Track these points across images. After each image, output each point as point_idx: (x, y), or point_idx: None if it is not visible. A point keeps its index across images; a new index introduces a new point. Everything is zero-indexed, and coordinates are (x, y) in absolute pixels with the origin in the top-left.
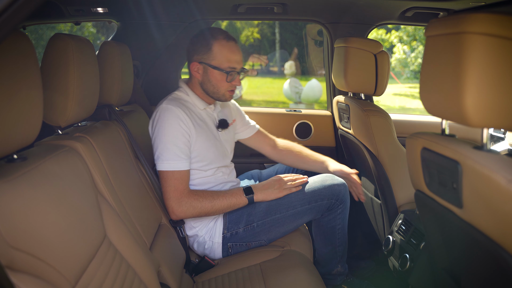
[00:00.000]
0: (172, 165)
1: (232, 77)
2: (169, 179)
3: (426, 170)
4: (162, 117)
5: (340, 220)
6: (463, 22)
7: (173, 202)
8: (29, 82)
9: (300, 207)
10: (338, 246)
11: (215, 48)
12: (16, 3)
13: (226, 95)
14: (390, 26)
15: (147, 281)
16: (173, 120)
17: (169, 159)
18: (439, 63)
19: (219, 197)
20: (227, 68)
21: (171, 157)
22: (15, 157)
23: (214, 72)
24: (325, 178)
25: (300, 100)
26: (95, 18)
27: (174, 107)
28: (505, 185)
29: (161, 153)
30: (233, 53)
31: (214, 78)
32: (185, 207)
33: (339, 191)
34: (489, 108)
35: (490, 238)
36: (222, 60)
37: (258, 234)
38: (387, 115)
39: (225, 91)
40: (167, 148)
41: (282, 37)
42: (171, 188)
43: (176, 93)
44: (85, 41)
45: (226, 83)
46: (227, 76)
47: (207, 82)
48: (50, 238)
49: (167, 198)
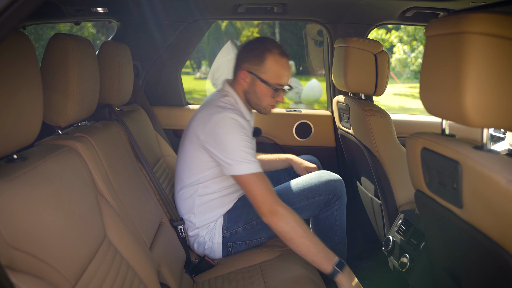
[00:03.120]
0: (254, 167)
1: (277, 94)
2: (256, 182)
3: (426, 170)
4: (226, 126)
5: (338, 217)
6: (463, 22)
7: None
8: (29, 82)
9: (298, 203)
10: (338, 244)
11: (268, 62)
12: (16, 3)
13: (267, 108)
14: (390, 26)
15: (147, 281)
16: (239, 128)
17: (249, 161)
18: (439, 63)
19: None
20: (275, 85)
21: (250, 158)
22: (15, 157)
23: (262, 85)
24: (322, 174)
25: (300, 100)
26: (95, 18)
27: (235, 115)
28: (505, 185)
29: (239, 156)
30: (284, 70)
31: (260, 91)
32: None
33: (336, 187)
34: (489, 108)
35: (490, 238)
36: (272, 75)
37: (258, 232)
38: (387, 115)
39: (267, 105)
40: (243, 151)
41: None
42: (262, 191)
43: (226, 99)
44: (85, 41)
45: (270, 98)
46: (274, 92)
47: (252, 92)
48: (50, 238)
49: (260, 201)
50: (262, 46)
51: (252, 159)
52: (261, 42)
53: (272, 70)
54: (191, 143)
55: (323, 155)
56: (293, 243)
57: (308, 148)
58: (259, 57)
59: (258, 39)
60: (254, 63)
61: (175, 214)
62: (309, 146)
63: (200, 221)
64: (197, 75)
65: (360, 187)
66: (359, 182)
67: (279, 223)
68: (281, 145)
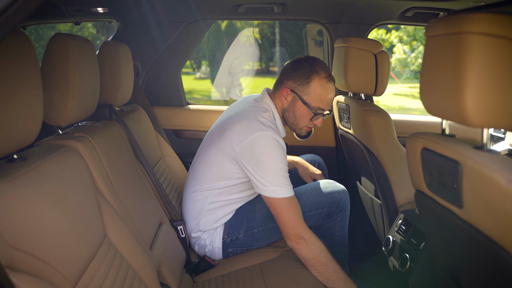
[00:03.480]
0: (286, 192)
1: (317, 118)
2: (288, 207)
3: (426, 170)
4: (268, 146)
5: (340, 227)
6: (463, 22)
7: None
8: (29, 82)
9: None
10: (338, 252)
11: (313, 84)
12: (16, 3)
13: (303, 130)
14: (390, 26)
15: (147, 281)
16: (279, 150)
17: (286, 185)
18: (439, 63)
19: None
20: (316, 108)
21: (287, 183)
22: (15, 157)
23: (303, 106)
24: (326, 185)
25: None
26: (95, 18)
27: (277, 136)
28: (505, 185)
29: (278, 180)
30: (328, 95)
31: (300, 112)
32: (308, 239)
33: (340, 199)
34: (489, 108)
35: (490, 238)
36: (315, 98)
37: (258, 240)
38: (387, 115)
39: (304, 126)
40: (282, 175)
41: (282, 37)
42: (292, 217)
43: (268, 116)
44: (85, 41)
45: (308, 120)
46: (313, 116)
47: (291, 111)
48: (50, 238)
49: (289, 226)
50: (310, 67)
51: (287, 183)
52: (310, 63)
53: (316, 93)
54: (220, 151)
55: (323, 155)
56: (315, 269)
57: (308, 148)
58: (305, 78)
59: (308, 59)
60: (299, 82)
61: (175, 214)
62: (309, 146)
63: (204, 225)
64: (197, 75)
65: (360, 187)
66: (359, 182)
67: (304, 250)
68: None
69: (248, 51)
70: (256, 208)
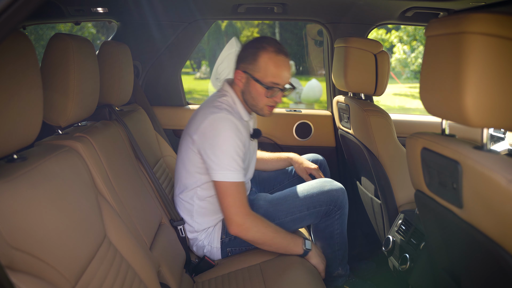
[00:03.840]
0: (235, 176)
1: (272, 93)
2: (232, 192)
3: (426, 170)
4: (221, 126)
5: (338, 226)
6: (463, 22)
7: (239, 217)
8: (29, 82)
9: (298, 214)
10: (338, 250)
11: (261, 60)
12: (16, 3)
13: (264, 110)
14: (390, 26)
15: (147, 281)
16: (233, 131)
17: (232, 169)
18: (439, 63)
19: (281, 234)
20: (269, 83)
21: (234, 167)
22: (15, 157)
23: (256, 85)
24: (324, 183)
25: (300, 100)
26: (95, 18)
27: (232, 116)
28: (505, 185)
29: (223, 162)
30: (278, 68)
31: (255, 91)
32: (249, 224)
33: (337, 197)
34: (489, 108)
35: (490, 238)
36: (266, 74)
37: None
38: (387, 115)
39: (264, 106)
40: (230, 158)
41: (282, 37)
42: (235, 202)
43: (224, 99)
44: (85, 41)
45: (265, 98)
46: (267, 91)
47: (248, 93)
48: (50, 238)
49: (231, 212)
50: (257, 45)
51: (237, 168)
52: (258, 41)
53: (266, 68)
54: (186, 145)
55: (323, 155)
56: (266, 245)
57: (308, 148)
58: (252, 55)
59: (256, 38)
60: (249, 62)
61: (175, 214)
62: (309, 146)
63: (198, 225)
64: (197, 75)
65: (360, 187)
66: (359, 182)
67: (250, 233)
68: (281, 145)
69: (229, 53)
70: (254, 209)
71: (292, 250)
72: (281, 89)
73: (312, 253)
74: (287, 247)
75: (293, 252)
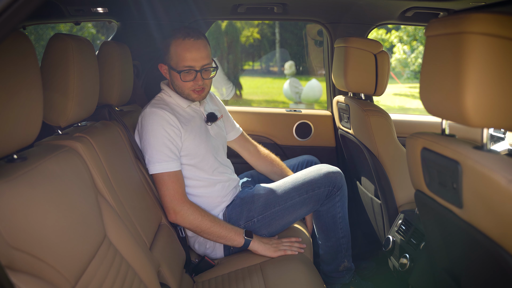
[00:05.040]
0: (165, 167)
1: (188, 76)
2: (165, 181)
3: (426, 170)
4: (147, 121)
5: (340, 208)
6: (463, 22)
7: (174, 204)
8: (29, 82)
9: (298, 198)
10: (342, 238)
11: (171, 49)
12: (16, 3)
13: (191, 94)
14: (390, 26)
15: (147, 281)
16: (159, 122)
17: (161, 161)
18: (439, 63)
19: (220, 224)
20: (182, 68)
21: (163, 158)
22: (15, 157)
23: (173, 73)
24: (320, 167)
25: (300, 100)
26: (95, 18)
27: (157, 109)
28: (505, 185)
29: (152, 156)
30: (187, 51)
31: (175, 79)
32: (186, 212)
33: (335, 178)
34: (489, 108)
35: (490, 238)
36: (178, 60)
37: (259, 229)
38: (387, 115)
39: (189, 90)
40: (157, 150)
41: (282, 37)
42: (169, 191)
43: (158, 96)
44: (85, 41)
45: (185, 82)
46: (180, 75)
47: (172, 82)
48: (50, 238)
49: (166, 200)
50: (169, 36)
51: (164, 158)
52: (171, 32)
53: (176, 54)
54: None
55: (323, 155)
56: (205, 233)
57: (308, 148)
58: (165, 47)
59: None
60: (164, 53)
61: None
62: (309, 146)
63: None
64: None
65: (360, 187)
66: (359, 182)
67: (186, 221)
68: (281, 145)
69: None
70: (255, 198)
71: (233, 239)
72: (196, 71)
73: (254, 243)
74: (227, 236)
75: (234, 242)
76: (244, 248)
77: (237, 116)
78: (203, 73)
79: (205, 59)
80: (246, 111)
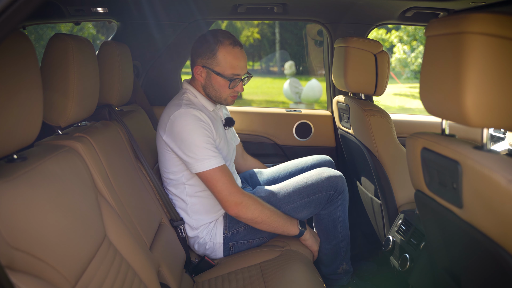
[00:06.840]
0: (215, 162)
1: (235, 84)
2: (219, 176)
3: (426, 170)
4: (185, 121)
5: (341, 212)
6: (463, 22)
7: (234, 196)
8: (29, 82)
9: (299, 201)
10: (342, 241)
11: (219, 54)
12: (16, 3)
13: (228, 100)
14: (390, 26)
15: (147, 281)
16: (198, 122)
17: (210, 157)
18: (439, 63)
19: (278, 213)
20: (230, 75)
21: (211, 154)
22: (15, 157)
23: (218, 78)
24: (322, 170)
25: (300, 100)
26: (95, 18)
27: (192, 109)
28: (505, 185)
29: (198, 154)
30: (237, 60)
31: (217, 84)
32: (247, 201)
33: (337, 182)
34: (489, 108)
35: (490, 238)
36: (226, 67)
37: (260, 231)
38: (387, 115)
39: (228, 96)
40: (204, 147)
41: (282, 37)
42: (226, 185)
43: (185, 96)
44: (85, 41)
45: (228, 89)
46: (230, 83)
47: (210, 86)
48: (50, 238)
49: (225, 194)
50: (213, 39)
51: (212, 154)
52: (212, 35)
53: (226, 61)
54: (161, 146)
55: (323, 155)
56: (264, 223)
57: (308, 148)
58: (211, 50)
59: (210, 32)
60: (207, 57)
61: (175, 214)
62: (309, 146)
63: (196, 221)
64: None
65: (360, 187)
66: (359, 182)
67: (248, 213)
68: (281, 145)
69: None
70: None
71: (289, 229)
72: (241, 79)
73: (307, 234)
74: (284, 226)
75: (290, 232)
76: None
77: (237, 116)
78: (244, 81)
79: (247, 68)
80: (246, 111)
